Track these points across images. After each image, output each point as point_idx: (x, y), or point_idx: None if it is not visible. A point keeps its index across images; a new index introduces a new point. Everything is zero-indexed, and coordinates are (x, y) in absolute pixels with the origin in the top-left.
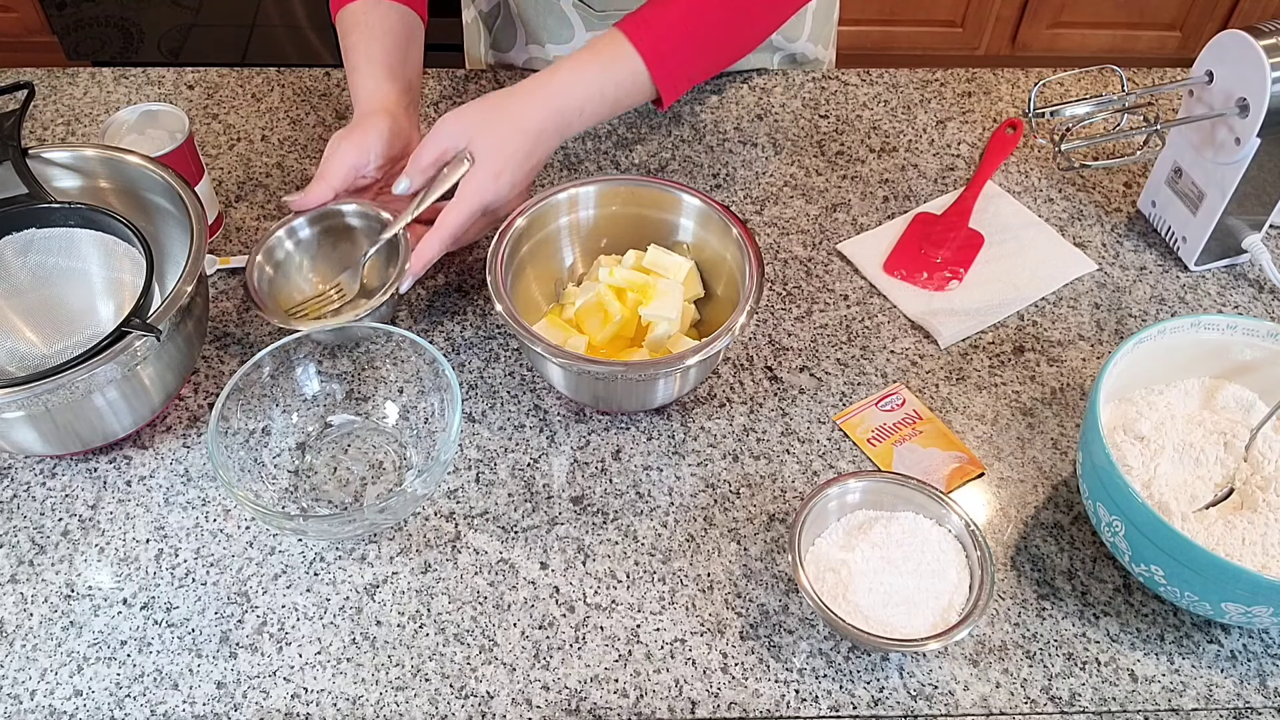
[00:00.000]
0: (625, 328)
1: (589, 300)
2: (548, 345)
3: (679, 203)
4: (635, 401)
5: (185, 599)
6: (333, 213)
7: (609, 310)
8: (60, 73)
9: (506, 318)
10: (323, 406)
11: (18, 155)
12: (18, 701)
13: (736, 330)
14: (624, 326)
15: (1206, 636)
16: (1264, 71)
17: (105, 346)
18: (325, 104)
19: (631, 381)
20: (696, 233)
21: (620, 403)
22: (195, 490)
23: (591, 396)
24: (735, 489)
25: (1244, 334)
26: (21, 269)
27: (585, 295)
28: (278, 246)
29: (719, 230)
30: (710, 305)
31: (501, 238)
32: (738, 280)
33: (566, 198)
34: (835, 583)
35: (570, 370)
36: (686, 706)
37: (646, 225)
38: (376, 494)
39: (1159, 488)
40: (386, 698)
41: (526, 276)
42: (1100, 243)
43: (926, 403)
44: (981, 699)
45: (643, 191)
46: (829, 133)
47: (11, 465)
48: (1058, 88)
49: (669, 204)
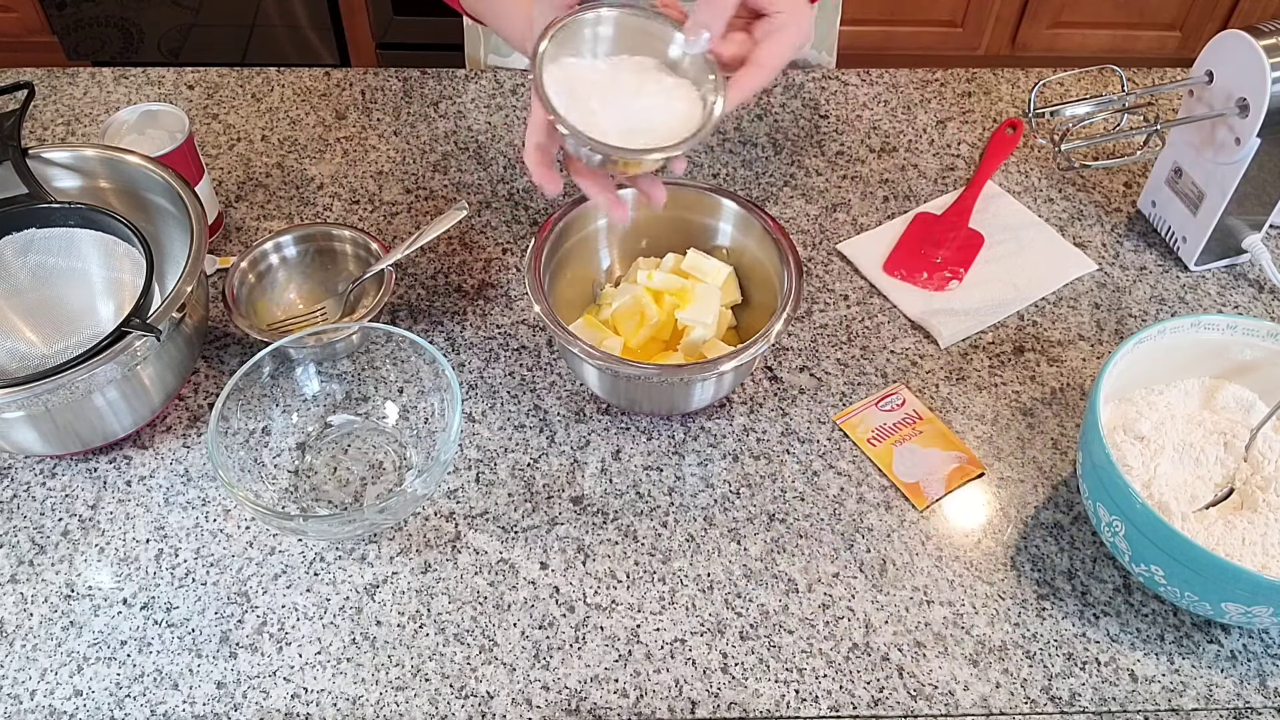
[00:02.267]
0: (661, 330)
1: (626, 302)
2: (584, 346)
3: (719, 206)
4: (669, 405)
5: (185, 599)
6: (325, 234)
7: (646, 313)
8: (60, 73)
9: (545, 318)
10: (323, 406)
11: (18, 155)
12: (18, 701)
13: (773, 337)
14: (660, 329)
15: (1206, 636)
16: (1264, 71)
17: (105, 346)
18: (325, 104)
19: (665, 384)
20: (735, 237)
21: (654, 405)
22: (195, 490)
23: (626, 398)
24: (735, 489)
25: (1244, 334)
26: (21, 269)
27: (622, 297)
28: (263, 258)
29: (758, 235)
30: (747, 311)
31: (541, 238)
32: (775, 286)
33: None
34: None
35: (605, 371)
36: (686, 706)
37: (686, 229)
38: (376, 494)
39: (1159, 488)
40: (386, 698)
41: (564, 277)
42: (1100, 243)
43: (926, 403)
44: (981, 699)
45: (683, 194)
46: (829, 133)
47: (11, 465)
48: (1058, 88)
49: (709, 207)
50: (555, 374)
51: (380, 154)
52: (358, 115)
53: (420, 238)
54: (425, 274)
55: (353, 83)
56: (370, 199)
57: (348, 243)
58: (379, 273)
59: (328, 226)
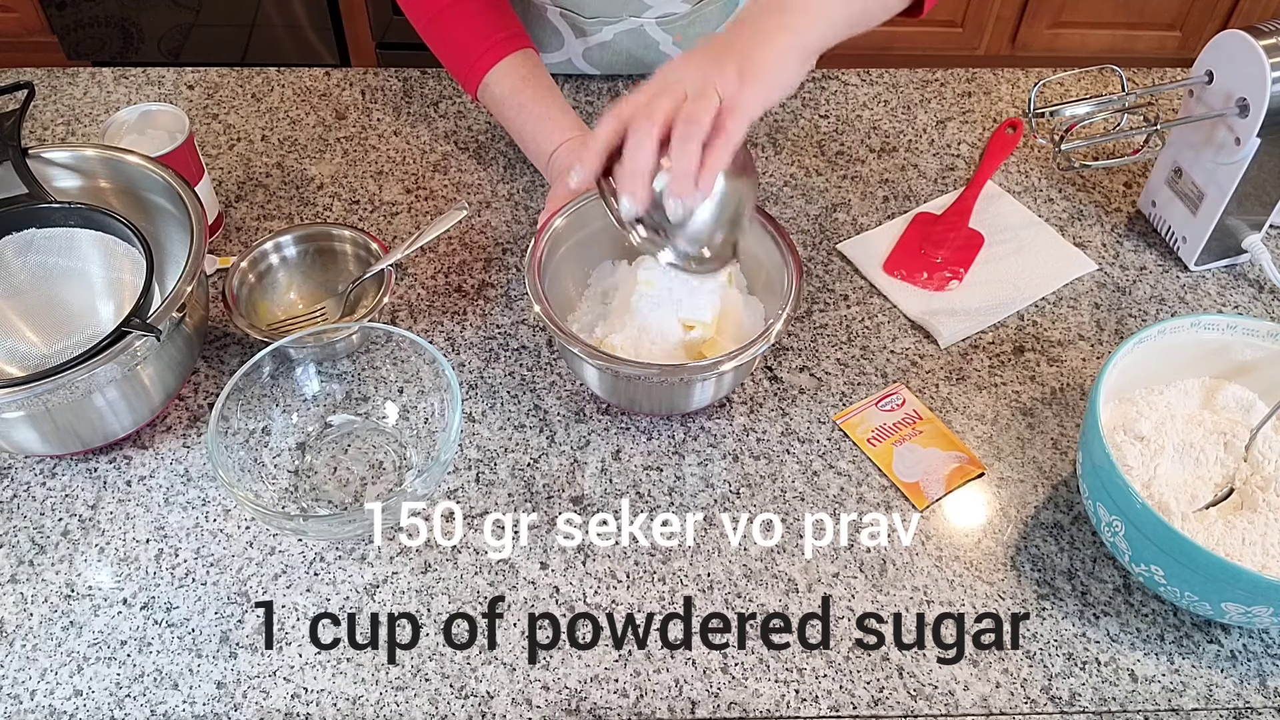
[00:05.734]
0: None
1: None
2: (584, 346)
3: None
4: (668, 405)
5: (185, 599)
6: (325, 234)
7: None
8: (60, 73)
9: (545, 318)
10: (323, 406)
11: (18, 155)
12: (18, 701)
13: (773, 337)
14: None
15: (1206, 636)
16: (1264, 71)
17: (105, 346)
18: (325, 104)
19: (665, 384)
20: None
21: (654, 405)
22: (195, 490)
23: (626, 398)
24: (735, 489)
25: (1244, 334)
26: (22, 269)
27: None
28: (263, 258)
29: (758, 235)
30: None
31: (539, 239)
32: (775, 287)
33: None
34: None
35: (605, 372)
36: (686, 706)
37: None
38: (376, 494)
39: (1159, 488)
40: (386, 698)
41: (563, 277)
42: (1100, 243)
43: (926, 403)
44: (981, 699)
45: None
46: (829, 133)
47: (11, 465)
48: (1058, 88)
49: None
50: (555, 374)
51: (380, 154)
52: (358, 115)
53: (420, 238)
54: (425, 274)
55: (353, 83)
56: (370, 199)
57: (348, 243)
58: (379, 273)
59: (328, 226)
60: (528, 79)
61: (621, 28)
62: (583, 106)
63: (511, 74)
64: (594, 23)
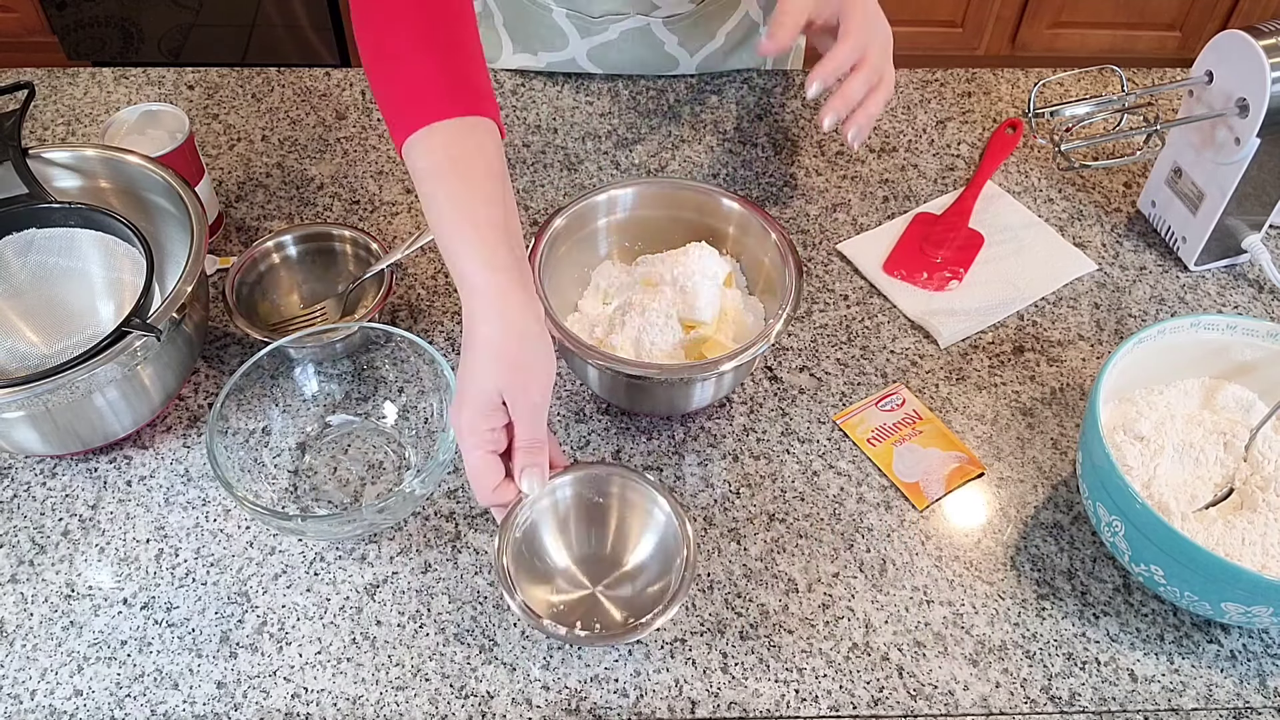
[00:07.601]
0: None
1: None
2: (584, 346)
3: (719, 207)
4: (668, 405)
5: (185, 599)
6: (325, 234)
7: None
8: (60, 73)
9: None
10: (322, 406)
11: (18, 155)
12: (18, 701)
13: (773, 337)
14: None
15: (1206, 636)
16: (1264, 71)
17: (105, 346)
18: (325, 104)
19: (665, 384)
20: (736, 237)
21: (654, 405)
22: (195, 490)
23: (626, 399)
24: (735, 489)
25: (1244, 334)
26: (22, 269)
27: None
28: (263, 258)
29: (758, 235)
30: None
31: (539, 238)
32: (775, 287)
33: (605, 199)
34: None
35: (605, 372)
36: (686, 706)
37: (686, 228)
38: (376, 494)
39: (1159, 488)
40: (386, 698)
41: (563, 277)
42: (1100, 243)
43: (926, 403)
44: (981, 699)
45: (683, 194)
46: (829, 133)
47: (11, 465)
48: (1058, 88)
49: (709, 207)
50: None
51: (380, 154)
52: (358, 115)
53: (420, 238)
54: (425, 274)
55: (353, 83)
56: (370, 199)
57: (348, 243)
58: (379, 273)
59: (328, 226)
60: (457, 161)
61: (628, 26)
62: (583, 105)
63: (438, 149)
64: (601, 22)
